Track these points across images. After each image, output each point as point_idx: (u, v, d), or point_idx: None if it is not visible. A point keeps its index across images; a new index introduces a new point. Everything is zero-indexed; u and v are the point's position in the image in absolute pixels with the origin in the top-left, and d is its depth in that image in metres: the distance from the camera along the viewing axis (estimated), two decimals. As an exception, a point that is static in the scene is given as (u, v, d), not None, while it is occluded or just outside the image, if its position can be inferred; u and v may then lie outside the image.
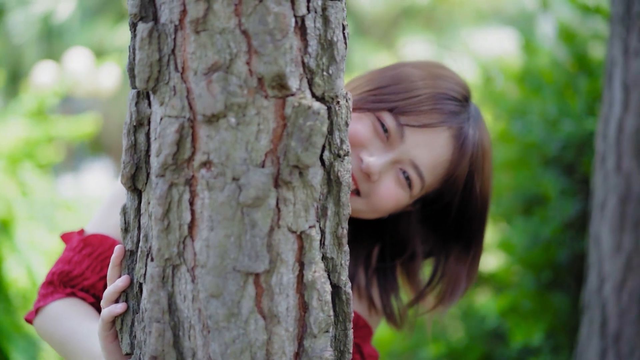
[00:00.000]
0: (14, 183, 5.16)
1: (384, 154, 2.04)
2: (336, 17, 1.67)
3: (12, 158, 5.28)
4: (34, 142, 5.43)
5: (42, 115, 5.63)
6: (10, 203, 5.03)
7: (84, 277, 2.05)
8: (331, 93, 1.67)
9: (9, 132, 5.26)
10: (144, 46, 1.64)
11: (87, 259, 2.05)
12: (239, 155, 1.60)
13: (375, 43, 10.84)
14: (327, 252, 1.70)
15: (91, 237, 2.07)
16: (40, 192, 5.40)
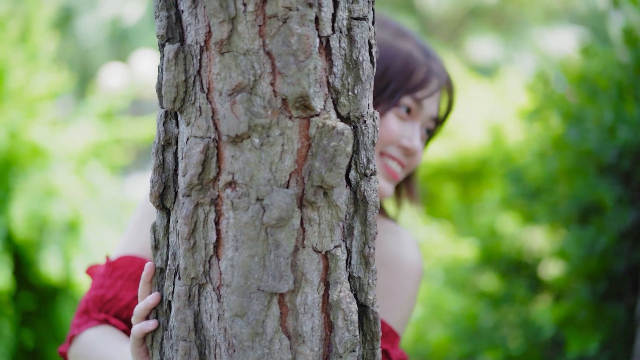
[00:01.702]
0: (82, 184, 5.25)
1: (415, 129, 2.28)
2: (362, 37, 1.66)
3: (81, 159, 5.38)
4: (103, 144, 5.53)
5: (111, 118, 5.73)
6: (78, 204, 5.13)
7: (118, 298, 2.08)
8: (357, 113, 1.66)
9: (79, 134, 5.36)
10: (170, 67, 1.66)
11: (119, 281, 2.09)
12: (263, 175, 1.60)
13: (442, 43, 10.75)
14: (354, 271, 1.70)
15: (120, 260, 2.11)
16: (109, 193, 5.49)
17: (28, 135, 5.03)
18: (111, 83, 6.20)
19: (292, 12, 1.58)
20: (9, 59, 5.12)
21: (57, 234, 5.02)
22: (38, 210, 4.91)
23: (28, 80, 5.18)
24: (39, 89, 5.25)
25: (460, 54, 9.88)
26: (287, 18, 1.58)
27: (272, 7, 1.58)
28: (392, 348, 2.15)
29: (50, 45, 5.47)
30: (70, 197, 5.09)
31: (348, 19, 1.65)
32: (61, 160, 5.20)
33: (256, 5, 1.59)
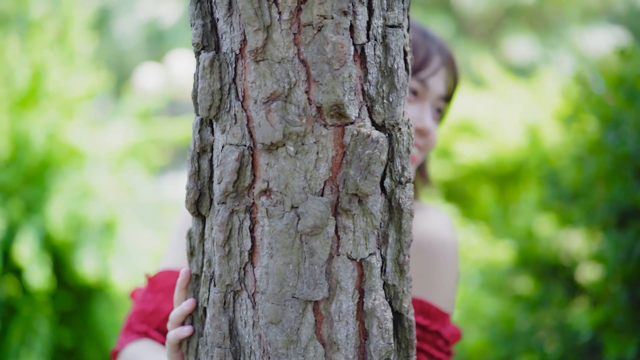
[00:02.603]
0: (119, 185, 5.29)
1: (424, 109, 2.29)
2: (397, 44, 1.66)
3: (117, 160, 5.42)
4: (140, 145, 5.56)
5: (148, 118, 5.77)
6: (114, 205, 5.16)
7: (159, 311, 2.10)
8: (391, 120, 1.66)
9: (115, 135, 5.40)
10: (205, 75, 1.67)
11: (159, 294, 2.11)
12: (298, 183, 1.61)
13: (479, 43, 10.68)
14: (389, 279, 1.70)
15: (159, 275, 2.14)
16: (145, 193, 5.52)
17: (65, 136, 5.07)
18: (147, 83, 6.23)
19: (327, 20, 1.58)
20: (47, 60, 5.16)
21: (94, 235, 5.06)
22: (75, 211, 4.95)
23: (66, 81, 5.23)
24: (76, 90, 5.30)
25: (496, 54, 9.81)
26: (322, 26, 1.58)
27: (307, 15, 1.59)
28: (443, 327, 2.13)
29: (88, 46, 5.52)
30: (106, 197, 5.13)
31: (383, 26, 1.65)
32: (98, 160, 5.24)
33: (291, 13, 1.59)
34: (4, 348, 4.95)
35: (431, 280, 2.16)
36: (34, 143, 5.02)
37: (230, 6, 1.64)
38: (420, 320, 2.06)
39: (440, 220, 2.28)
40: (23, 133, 5.03)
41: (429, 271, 2.16)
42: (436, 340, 2.11)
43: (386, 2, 1.65)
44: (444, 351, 2.12)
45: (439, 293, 2.16)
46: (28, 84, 5.13)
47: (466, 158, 5.03)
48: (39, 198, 5.02)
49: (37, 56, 5.18)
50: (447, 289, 2.20)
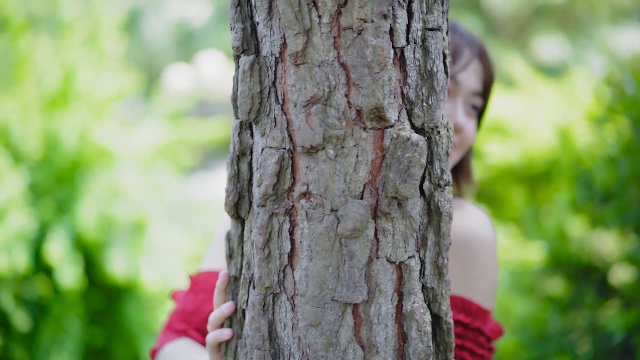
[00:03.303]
0: (148, 185, 5.32)
1: (456, 106, 2.23)
2: (436, 47, 1.66)
3: (147, 160, 5.45)
4: (169, 145, 5.59)
5: (177, 119, 5.79)
6: (143, 205, 5.19)
7: (199, 311, 2.12)
8: (431, 123, 1.66)
9: (145, 135, 5.43)
10: (245, 78, 1.67)
11: (200, 294, 2.13)
12: (338, 186, 1.61)
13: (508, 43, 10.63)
14: (428, 282, 1.70)
15: (199, 275, 2.16)
16: (174, 194, 5.55)
17: (96, 137, 5.11)
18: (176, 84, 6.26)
19: (367, 23, 1.59)
20: (78, 61, 5.20)
21: (123, 235, 5.09)
22: (105, 211, 4.99)
23: (96, 82, 5.27)
24: (106, 91, 5.33)
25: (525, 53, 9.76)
26: (362, 30, 1.59)
27: (347, 18, 1.59)
28: (484, 324, 2.13)
29: (118, 47, 5.55)
30: (136, 197, 5.16)
31: (422, 29, 1.65)
32: (128, 161, 5.27)
33: (331, 17, 1.60)
34: (35, 347, 4.99)
35: (471, 278, 2.15)
36: (65, 143, 5.06)
37: (271, 10, 1.64)
38: (462, 318, 2.06)
39: (478, 216, 2.27)
40: (54, 133, 5.07)
41: (468, 268, 2.15)
42: (478, 337, 2.11)
43: (425, 5, 1.65)
44: (486, 348, 2.12)
45: (479, 290, 2.16)
46: (59, 85, 5.17)
47: (496, 158, 5.01)
48: (69, 198, 5.06)
49: (68, 57, 5.22)
50: (487, 285, 2.19)
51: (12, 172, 4.79)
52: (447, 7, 1.69)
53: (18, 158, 4.99)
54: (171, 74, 6.52)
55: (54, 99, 5.18)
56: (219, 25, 10.75)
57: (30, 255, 4.87)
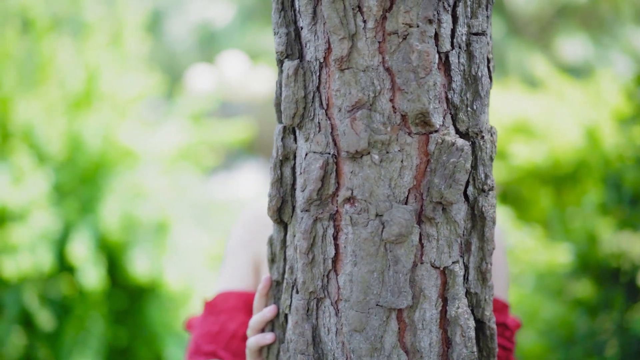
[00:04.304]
0: (171, 186, 5.33)
1: None
2: (481, 52, 1.65)
3: (170, 161, 5.46)
4: (192, 146, 5.60)
5: (200, 119, 5.80)
6: (166, 206, 5.20)
7: (224, 330, 2.12)
8: (475, 128, 1.66)
9: (168, 136, 5.44)
10: (290, 83, 1.67)
11: (221, 315, 2.13)
12: (382, 191, 1.61)
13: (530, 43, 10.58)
14: (471, 287, 1.70)
15: (217, 298, 2.16)
16: (197, 194, 5.56)
17: (119, 137, 5.12)
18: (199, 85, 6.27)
19: (412, 28, 1.58)
20: (101, 62, 5.22)
21: (147, 235, 5.11)
22: (128, 211, 5.00)
23: (119, 83, 5.28)
24: (130, 92, 5.35)
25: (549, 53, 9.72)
26: (407, 34, 1.58)
27: (392, 23, 1.59)
28: (507, 318, 2.12)
29: (141, 48, 5.56)
30: (159, 198, 5.17)
31: (467, 34, 1.65)
32: (151, 161, 5.28)
33: (376, 22, 1.60)
34: (58, 346, 5.01)
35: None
36: (89, 144, 5.07)
37: (315, 15, 1.64)
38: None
39: None
40: (78, 134, 5.09)
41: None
42: (504, 332, 2.11)
43: (470, 10, 1.65)
44: (512, 342, 2.12)
45: (498, 285, 2.16)
46: (83, 86, 5.19)
47: (522, 159, 4.99)
48: (93, 198, 5.08)
49: (92, 58, 5.23)
50: (503, 279, 2.19)
51: (36, 173, 4.81)
52: (490, 11, 1.68)
53: (42, 158, 5.01)
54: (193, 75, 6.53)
55: (78, 100, 5.20)
56: (241, 26, 10.76)
57: (55, 255, 4.89)
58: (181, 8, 10.53)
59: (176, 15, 10.49)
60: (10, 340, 4.87)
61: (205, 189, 5.89)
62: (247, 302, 2.21)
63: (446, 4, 1.61)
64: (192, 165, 5.64)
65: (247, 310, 2.20)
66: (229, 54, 6.91)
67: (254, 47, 10.23)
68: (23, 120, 4.98)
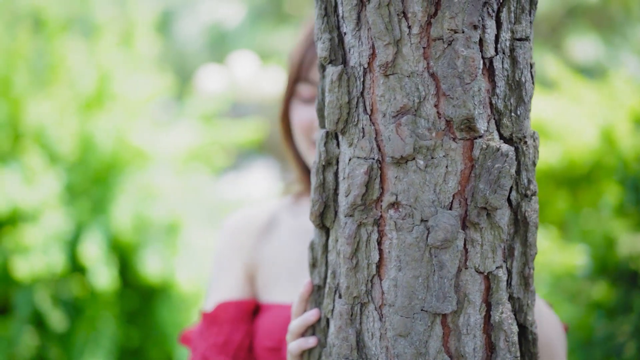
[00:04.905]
0: (182, 186, 5.33)
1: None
2: (524, 57, 1.66)
3: (181, 161, 5.46)
4: (203, 146, 5.60)
5: (211, 120, 5.80)
6: (178, 206, 5.20)
7: (231, 341, 2.13)
8: (519, 134, 1.66)
9: (179, 136, 5.44)
10: (333, 89, 1.68)
11: (225, 325, 2.15)
12: (428, 197, 1.61)
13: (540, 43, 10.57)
14: (514, 292, 1.70)
15: (217, 309, 2.18)
16: (209, 195, 5.56)
17: (131, 138, 5.13)
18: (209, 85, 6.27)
19: (457, 34, 1.59)
20: (113, 63, 5.22)
21: (158, 235, 5.11)
22: (140, 212, 5.01)
23: (131, 83, 5.28)
24: (141, 93, 5.35)
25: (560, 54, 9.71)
26: (452, 40, 1.59)
27: (437, 29, 1.59)
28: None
29: (152, 48, 5.57)
30: (170, 198, 5.18)
31: (511, 39, 1.65)
32: (162, 162, 5.29)
33: (421, 27, 1.60)
34: (70, 347, 5.02)
35: None
36: (101, 144, 5.08)
37: (359, 20, 1.65)
38: None
39: None
40: (90, 135, 5.09)
41: None
42: None
43: (514, 15, 1.65)
44: None
45: None
46: (95, 87, 5.19)
47: (536, 160, 4.96)
48: (105, 199, 5.09)
49: (103, 59, 5.24)
50: None
51: (48, 173, 4.82)
52: (533, 17, 1.68)
53: (54, 159, 5.01)
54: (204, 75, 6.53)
55: (90, 101, 5.20)
56: (251, 27, 10.76)
57: (67, 255, 4.90)
58: (191, 8, 10.53)
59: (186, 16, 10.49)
60: (23, 340, 4.88)
61: (216, 189, 5.89)
62: (247, 312, 2.21)
63: (490, 9, 1.61)
64: (203, 166, 5.65)
65: (248, 319, 2.20)
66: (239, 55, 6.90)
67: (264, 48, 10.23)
68: (35, 120, 4.99)
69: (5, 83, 5.05)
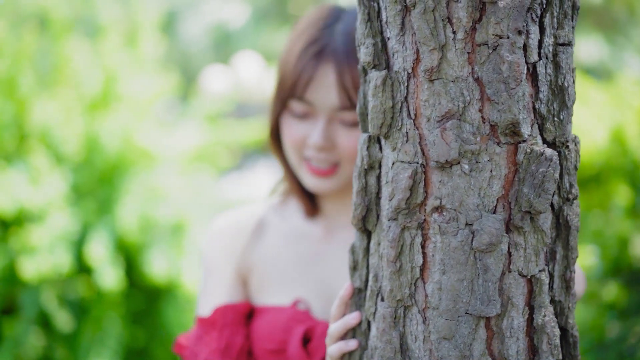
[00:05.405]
0: (188, 187, 5.34)
1: (316, 125, 2.15)
2: (567, 62, 1.67)
3: (187, 162, 5.47)
4: (209, 147, 5.60)
5: (216, 120, 5.80)
6: (183, 207, 5.21)
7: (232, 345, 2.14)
8: (562, 138, 1.68)
9: (184, 137, 5.44)
10: (377, 93, 1.69)
11: (224, 330, 2.15)
12: (472, 201, 1.63)
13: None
14: (555, 295, 1.72)
15: (214, 314, 2.17)
16: (214, 195, 5.56)
17: (136, 138, 5.13)
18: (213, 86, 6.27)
19: (502, 39, 1.60)
20: (119, 63, 5.22)
21: (164, 236, 5.11)
22: (146, 212, 5.01)
23: (136, 84, 5.28)
24: (146, 93, 5.35)
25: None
26: (497, 45, 1.60)
27: (482, 34, 1.61)
28: None
29: (157, 49, 5.56)
30: (176, 199, 5.18)
31: (554, 45, 1.67)
32: (168, 162, 5.29)
33: (465, 33, 1.61)
34: (76, 347, 5.02)
35: None
36: (106, 145, 5.08)
37: (403, 26, 1.66)
38: None
39: None
40: (95, 135, 5.09)
41: None
42: None
43: (557, 20, 1.66)
44: None
45: None
46: (100, 87, 5.19)
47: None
48: (111, 199, 5.08)
49: (109, 59, 5.23)
50: None
51: (53, 174, 4.81)
52: (575, 22, 1.70)
53: (59, 159, 5.01)
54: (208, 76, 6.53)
55: (95, 101, 5.20)
56: (256, 27, 10.75)
57: (73, 256, 4.89)
58: (196, 9, 10.52)
59: (191, 16, 10.48)
60: (29, 340, 4.87)
61: (221, 190, 5.89)
62: (245, 314, 2.21)
63: (534, 15, 1.63)
64: (208, 166, 5.65)
65: (245, 322, 2.20)
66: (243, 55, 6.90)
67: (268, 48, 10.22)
68: (40, 121, 4.98)
69: (11, 83, 5.04)
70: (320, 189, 2.19)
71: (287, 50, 2.21)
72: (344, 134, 2.14)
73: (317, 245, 2.27)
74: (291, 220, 2.29)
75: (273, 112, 2.23)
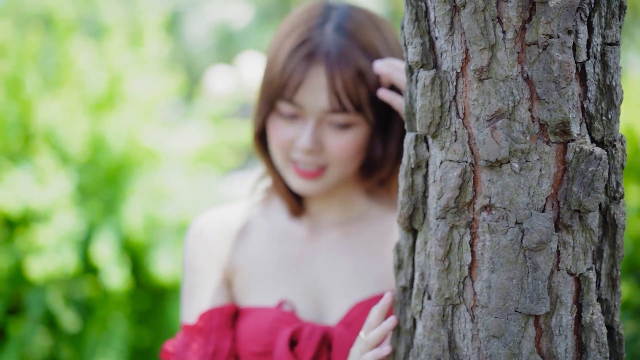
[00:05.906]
0: (192, 187, 5.33)
1: (304, 128, 2.09)
2: (614, 62, 1.68)
3: (191, 162, 5.46)
4: (213, 147, 5.60)
5: (220, 120, 5.80)
6: (188, 207, 5.21)
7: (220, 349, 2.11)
8: (610, 137, 1.69)
9: (189, 137, 5.44)
10: (426, 93, 1.70)
11: (211, 334, 2.11)
12: (522, 199, 1.64)
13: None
14: (602, 293, 1.73)
15: (200, 319, 2.14)
16: (219, 195, 5.56)
17: (141, 139, 5.12)
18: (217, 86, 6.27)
19: (552, 39, 1.61)
20: (124, 63, 5.21)
21: (169, 236, 5.11)
22: (151, 212, 5.01)
23: (141, 84, 5.28)
24: (151, 93, 5.34)
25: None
26: (547, 45, 1.61)
27: (532, 34, 1.61)
28: None
29: (162, 49, 5.56)
30: (181, 199, 5.18)
31: (602, 44, 1.68)
32: (173, 162, 5.29)
33: (515, 32, 1.62)
34: (82, 347, 5.01)
35: None
36: (111, 145, 5.07)
37: (452, 25, 1.67)
38: None
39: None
40: (101, 135, 5.08)
41: None
42: None
43: (605, 20, 1.67)
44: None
45: None
46: (105, 87, 5.18)
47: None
48: (116, 199, 5.08)
49: (114, 59, 5.23)
50: None
51: (59, 174, 4.81)
52: (622, 22, 1.71)
53: (65, 159, 5.00)
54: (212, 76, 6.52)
55: (100, 101, 5.19)
56: (259, 27, 10.73)
57: (79, 256, 4.89)
58: (199, 9, 10.51)
59: (194, 16, 10.47)
60: (35, 340, 4.87)
61: (225, 190, 5.88)
62: (230, 317, 2.18)
63: (583, 14, 1.64)
64: (212, 166, 5.64)
65: (232, 325, 2.17)
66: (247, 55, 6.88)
67: (266, 48, 10.17)
68: (45, 121, 4.97)
69: (16, 84, 5.03)
70: (306, 190, 2.14)
71: (275, 50, 2.13)
72: (332, 137, 2.10)
73: (302, 245, 2.22)
74: (275, 220, 2.24)
75: (259, 112, 2.16)
